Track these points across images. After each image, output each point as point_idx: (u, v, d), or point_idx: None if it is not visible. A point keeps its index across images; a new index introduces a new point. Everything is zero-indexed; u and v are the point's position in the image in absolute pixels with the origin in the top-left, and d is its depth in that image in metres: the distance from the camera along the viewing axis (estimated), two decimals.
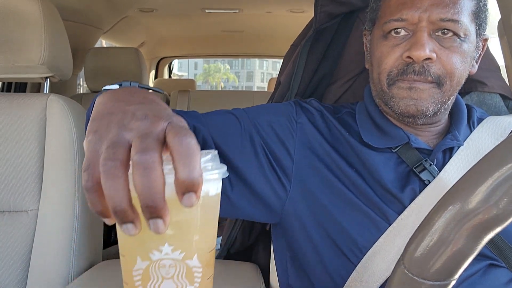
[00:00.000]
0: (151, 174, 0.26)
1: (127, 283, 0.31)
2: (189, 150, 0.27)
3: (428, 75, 0.57)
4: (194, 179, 0.27)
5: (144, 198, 0.26)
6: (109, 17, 1.99)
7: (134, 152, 0.27)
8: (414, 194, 0.59)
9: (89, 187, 0.28)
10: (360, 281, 0.57)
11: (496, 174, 0.27)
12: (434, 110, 0.58)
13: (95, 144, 0.29)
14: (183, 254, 0.30)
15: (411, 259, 0.31)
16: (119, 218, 0.27)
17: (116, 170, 0.27)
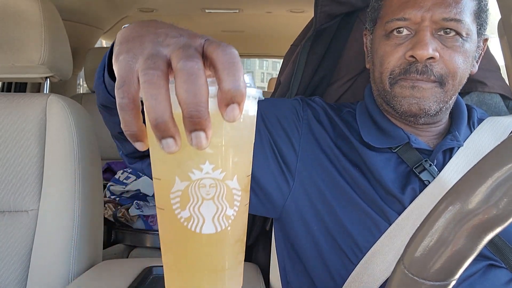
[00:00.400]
0: (196, 81, 0.25)
1: (163, 208, 0.29)
2: (233, 60, 0.26)
3: (431, 75, 0.57)
4: (239, 89, 0.25)
5: (189, 106, 0.25)
6: (109, 17, 1.98)
7: (177, 60, 0.26)
8: (414, 194, 0.59)
9: (124, 104, 0.26)
10: (360, 281, 0.57)
11: (496, 174, 0.27)
12: (436, 109, 0.59)
13: (128, 61, 0.28)
14: (224, 174, 0.28)
15: (411, 259, 0.31)
16: (160, 132, 0.25)
17: (159, 79, 0.25)
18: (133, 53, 0.28)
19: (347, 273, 0.59)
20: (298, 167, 0.62)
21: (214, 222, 0.29)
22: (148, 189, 1.38)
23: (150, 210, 1.41)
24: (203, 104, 0.25)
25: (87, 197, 0.83)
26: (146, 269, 0.77)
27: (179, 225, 0.29)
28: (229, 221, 0.29)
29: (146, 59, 0.27)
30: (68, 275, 0.79)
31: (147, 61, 0.26)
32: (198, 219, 0.28)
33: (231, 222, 0.29)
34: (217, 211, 0.28)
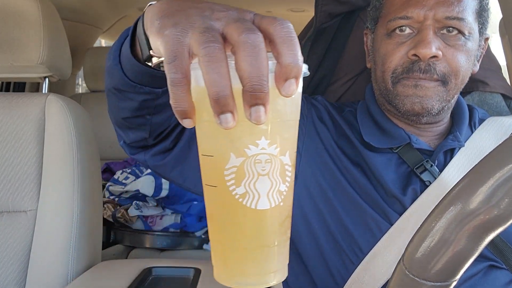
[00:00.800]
0: (260, 54, 0.24)
1: (217, 185, 0.29)
2: (292, 34, 0.26)
3: (434, 73, 0.56)
4: (297, 63, 0.25)
5: (252, 80, 0.24)
6: (108, 16, 1.98)
7: (239, 33, 0.25)
8: (415, 195, 0.59)
9: (177, 79, 0.26)
10: (360, 282, 0.57)
11: (497, 174, 0.27)
12: (438, 108, 0.58)
13: (177, 35, 0.26)
14: (278, 149, 0.28)
15: (412, 260, 0.31)
16: (220, 107, 0.25)
17: (220, 53, 0.25)
18: (182, 27, 0.27)
19: (347, 273, 0.59)
20: (301, 166, 0.62)
21: (268, 197, 0.29)
22: (148, 190, 1.38)
23: (149, 210, 1.41)
24: (266, 77, 0.25)
25: (86, 197, 0.83)
26: (146, 269, 0.77)
27: (234, 201, 0.29)
28: (281, 196, 0.29)
29: (202, 32, 0.26)
30: (67, 276, 0.79)
31: (205, 34, 0.25)
32: (253, 195, 0.28)
33: (283, 198, 0.30)
34: (271, 186, 0.29)
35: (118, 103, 0.48)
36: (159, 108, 0.48)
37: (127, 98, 0.46)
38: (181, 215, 1.41)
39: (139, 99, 0.46)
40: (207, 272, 0.76)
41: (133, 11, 2.02)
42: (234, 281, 0.30)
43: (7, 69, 0.82)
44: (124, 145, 0.55)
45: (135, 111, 0.48)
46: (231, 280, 0.30)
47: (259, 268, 0.30)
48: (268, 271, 0.30)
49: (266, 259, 0.30)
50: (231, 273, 0.31)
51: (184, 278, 0.75)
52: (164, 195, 1.38)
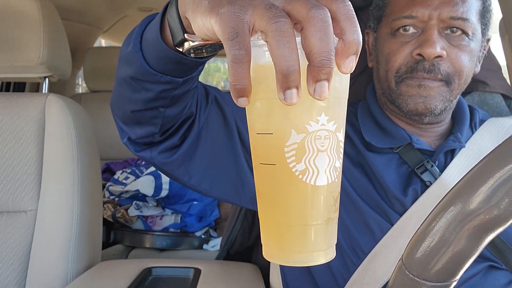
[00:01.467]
0: (329, 29, 0.25)
1: (275, 163, 0.29)
2: (353, 12, 0.26)
3: (438, 73, 0.56)
4: (360, 40, 0.26)
5: (321, 55, 0.24)
6: (108, 16, 1.98)
7: (308, 9, 0.25)
8: (416, 195, 0.59)
9: (240, 56, 0.25)
10: (361, 282, 0.57)
11: (497, 174, 0.27)
12: (441, 108, 0.58)
13: (236, 12, 0.26)
14: (336, 126, 0.29)
15: (412, 260, 0.31)
16: (288, 82, 0.25)
17: (289, 27, 0.25)
18: (240, 5, 0.27)
19: (348, 273, 0.59)
20: None
21: (326, 173, 0.29)
22: (148, 190, 1.38)
23: (149, 210, 1.41)
24: (333, 53, 0.25)
25: (86, 197, 0.83)
26: (146, 270, 0.77)
27: (294, 178, 0.29)
28: (336, 172, 0.30)
29: (267, 9, 0.26)
30: (66, 276, 0.79)
31: (272, 10, 0.25)
32: (313, 171, 0.29)
33: (337, 174, 0.30)
34: (329, 162, 0.29)
35: (131, 95, 0.47)
36: (175, 99, 0.47)
37: (143, 89, 0.45)
38: (181, 215, 1.41)
39: (157, 89, 0.45)
40: (207, 272, 0.76)
41: (133, 11, 2.02)
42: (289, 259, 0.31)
43: (7, 69, 0.82)
44: (129, 142, 0.54)
45: (150, 103, 0.47)
46: (286, 258, 0.31)
47: (313, 245, 0.30)
48: (320, 248, 0.31)
49: (325, 234, 0.30)
50: (286, 251, 0.31)
51: (184, 278, 0.75)
52: (164, 195, 1.38)
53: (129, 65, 0.45)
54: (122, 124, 0.52)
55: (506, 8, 0.79)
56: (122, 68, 0.46)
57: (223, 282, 0.74)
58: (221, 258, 0.92)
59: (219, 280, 0.74)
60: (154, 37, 0.41)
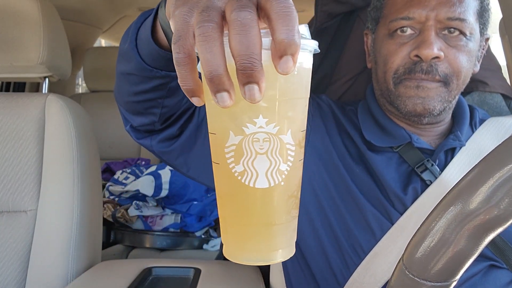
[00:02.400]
0: (249, 31, 0.24)
1: (218, 162, 0.30)
2: (288, 9, 0.25)
3: (436, 74, 0.57)
4: (293, 39, 0.25)
5: (241, 58, 0.24)
6: (108, 16, 1.98)
7: (230, 11, 0.25)
8: (416, 194, 0.59)
9: (180, 59, 0.26)
10: (361, 282, 0.57)
11: (497, 174, 0.27)
12: (440, 109, 0.59)
13: (184, 15, 0.27)
14: (277, 128, 0.28)
15: (412, 260, 0.31)
16: (215, 85, 0.25)
17: (213, 32, 0.25)
18: (189, 7, 0.27)
19: (349, 272, 0.59)
20: (305, 162, 0.62)
21: (267, 176, 0.29)
22: (147, 190, 1.38)
23: (149, 210, 1.41)
24: (256, 55, 0.24)
25: (86, 197, 0.83)
26: (146, 269, 0.77)
27: (234, 179, 0.29)
28: (282, 176, 0.29)
29: (201, 12, 0.26)
30: (67, 276, 0.79)
31: (202, 13, 0.26)
32: (251, 173, 0.29)
33: (285, 177, 0.29)
34: (270, 165, 0.29)
35: (130, 88, 0.48)
36: (172, 90, 0.48)
37: (140, 82, 0.46)
38: (181, 215, 1.41)
39: (154, 84, 0.46)
40: (207, 272, 0.76)
41: (133, 11, 2.02)
42: (240, 257, 0.31)
43: (7, 69, 0.82)
44: (130, 129, 0.55)
45: (147, 94, 0.48)
46: (237, 256, 0.31)
47: (262, 245, 0.30)
48: (272, 248, 0.31)
49: (269, 236, 0.30)
50: (237, 249, 0.31)
51: (184, 278, 0.75)
52: (164, 195, 1.38)
53: (126, 61, 0.46)
54: (124, 112, 0.53)
55: (506, 8, 0.79)
56: (121, 63, 0.47)
57: (223, 282, 0.74)
58: (221, 258, 0.92)
59: (219, 280, 0.74)
60: (146, 36, 0.42)
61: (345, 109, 0.69)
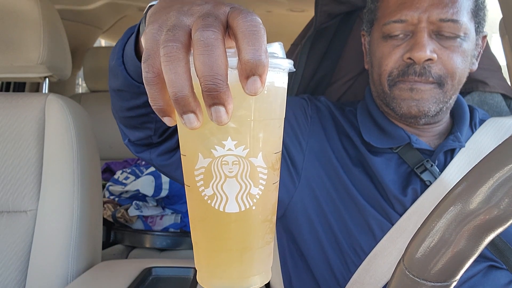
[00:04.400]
0: (213, 52, 0.24)
1: (189, 185, 0.29)
2: (254, 28, 0.24)
3: (429, 76, 0.56)
4: (259, 59, 0.24)
5: (205, 79, 0.23)
6: (108, 16, 1.98)
7: (195, 30, 0.25)
8: (416, 195, 0.59)
9: (149, 78, 0.25)
10: (362, 282, 0.57)
11: (497, 174, 0.27)
12: (436, 110, 0.58)
13: (154, 33, 0.26)
14: (247, 151, 0.27)
15: (412, 260, 0.31)
16: (181, 107, 0.24)
17: (178, 52, 0.24)
18: (159, 25, 0.27)
19: (349, 273, 0.59)
20: (305, 165, 0.62)
21: (237, 200, 0.28)
22: (148, 190, 1.38)
23: (149, 210, 1.41)
24: (221, 76, 0.24)
25: (86, 197, 0.83)
26: (146, 270, 0.77)
27: (204, 202, 0.28)
28: (253, 200, 0.28)
29: (167, 30, 0.25)
30: (67, 276, 0.79)
31: (168, 33, 0.25)
32: (221, 197, 0.28)
33: (256, 202, 0.28)
34: (240, 189, 0.28)
35: (122, 104, 0.48)
36: None
37: (131, 98, 0.46)
38: (181, 215, 1.41)
39: (144, 99, 0.45)
40: None
41: (133, 11, 2.02)
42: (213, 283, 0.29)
43: (7, 69, 0.82)
44: (129, 143, 0.55)
45: (140, 110, 0.47)
46: (210, 283, 0.30)
47: (235, 272, 0.29)
48: (246, 274, 0.29)
49: (242, 263, 0.29)
50: (209, 275, 0.30)
51: (184, 278, 0.75)
52: (164, 195, 1.38)
53: (115, 78, 0.46)
54: (122, 127, 0.53)
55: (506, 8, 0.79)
56: (111, 79, 0.47)
57: None
58: None
59: None
60: (130, 53, 0.42)
61: (344, 110, 0.69)
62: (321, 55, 0.81)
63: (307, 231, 0.63)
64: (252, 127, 0.27)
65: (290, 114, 0.64)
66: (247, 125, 0.27)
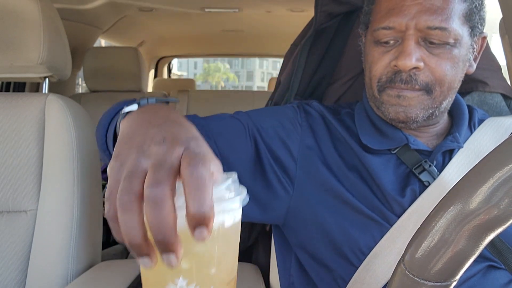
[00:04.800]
0: (161, 210, 0.26)
1: None
2: (199, 182, 0.27)
3: (415, 84, 0.56)
4: (203, 213, 0.26)
5: (155, 233, 0.26)
6: (108, 16, 1.98)
7: (146, 185, 0.27)
8: (414, 195, 0.59)
9: (110, 217, 0.28)
10: (362, 283, 0.57)
11: (497, 174, 0.27)
12: (424, 116, 0.58)
13: (117, 172, 0.29)
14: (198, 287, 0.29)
15: (412, 260, 0.31)
16: (135, 251, 0.27)
17: (131, 204, 0.27)
18: (121, 161, 0.30)
19: (349, 274, 0.59)
20: (298, 174, 0.62)
21: None
22: None
23: None
24: (169, 230, 0.26)
25: (86, 197, 0.83)
26: None
27: None
28: None
29: (124, 178, 0.28)
30: (67, 276, 0.79)
31: (125, 181, 0.28)
32: None
33: None
34: None
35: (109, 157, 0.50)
36: None
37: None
38: None
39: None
40: None
41: (133, 11, 2.02)
42: None
43: (7, 69, 0.82)
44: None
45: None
46: None
47: None
48: None
49: None
50: None
51: None
52: None
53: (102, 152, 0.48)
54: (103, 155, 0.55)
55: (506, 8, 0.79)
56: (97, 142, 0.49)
57: None
58: None
59: None
60: (109, 147, 0.44)
61: (340, 113, 0.68)
62: (321, 55, 0.81)
63: (304, 237, 0.63)
64: (203, 265, 0.30)
65: (278, 126, 0.63)
66: (199, 264, 0.29)
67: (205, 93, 2.62)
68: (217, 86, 27.32)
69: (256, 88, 24.81)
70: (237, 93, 2.55)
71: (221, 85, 28.31)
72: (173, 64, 3.85)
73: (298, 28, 0.91)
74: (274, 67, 22.90)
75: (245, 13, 2.07)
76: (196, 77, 27.55)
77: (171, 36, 2.86)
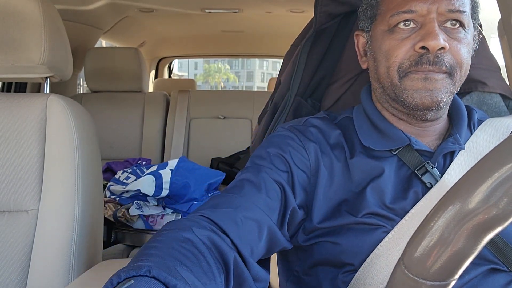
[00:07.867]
0: None
1: None
2: None
3: (442, 65, 0.57)
4: None
5: None
6: (109, 17, 1.98)
7: None
8: (417, 197, 0.58)
9: None
10: (363, 285, 0.57)
11: (496, 174, 0.27)
12: (446, 101, 0.59)
13: None
14: None
15: (411, 259, 0.31)
16: None
17: None
18: None
19: (350, 275, 0.59)
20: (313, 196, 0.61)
21: None
22: (148, 189, 1.38)
23: (150, 210, 1.42)
24: None
25: (87, 197, 0.83)
26: None
27: None
28: None
29: None
30: (68, 275, 0.79)
31: None
32: None
33: None
34: None
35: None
36: None
37: None
38: (182, 215, 1.41)
39: None
40: None
41: (134, 12, 2.02)
42: None
43: (8, 70, 0.82)
44: None
45: None
46: None
47: None
48: None
49: None
50: None
51: None
52: (165, 194, 1.39)
53: None
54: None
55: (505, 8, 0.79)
56: None
57: None
58: None
59: None
60: None
61: (337, 118, 0.68)
62: (321, 55, 0.81)
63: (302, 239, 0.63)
64: None
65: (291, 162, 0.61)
66: None
67: (206, 93, 2.62)
68: (217, 87, 27.31)
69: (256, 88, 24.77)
70: (237, 93, 2.55)
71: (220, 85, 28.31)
72: (174, 64, 3.86)
73: (298, 28, 0.91)
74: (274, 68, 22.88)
75: (245, 14, 2.07)
76: (197, 78, 27.52)
77: (172, 37, 2.86)
